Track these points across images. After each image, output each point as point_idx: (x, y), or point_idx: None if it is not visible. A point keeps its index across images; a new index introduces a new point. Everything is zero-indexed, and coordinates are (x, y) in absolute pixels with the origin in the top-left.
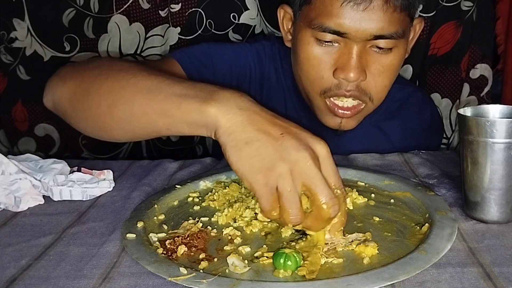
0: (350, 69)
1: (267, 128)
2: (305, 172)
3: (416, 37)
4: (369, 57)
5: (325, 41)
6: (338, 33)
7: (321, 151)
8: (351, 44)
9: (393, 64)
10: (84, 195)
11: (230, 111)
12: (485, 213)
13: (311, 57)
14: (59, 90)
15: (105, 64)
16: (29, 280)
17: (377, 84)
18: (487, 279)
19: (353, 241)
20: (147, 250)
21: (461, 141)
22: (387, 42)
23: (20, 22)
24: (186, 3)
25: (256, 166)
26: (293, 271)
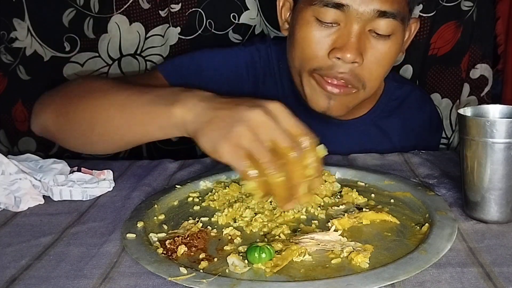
0: (347, 49)
1: (223, 105)
2: (262, 126)
3: (411, 38)
4: (368, 42)
5: (326, 22)
6: (340, 7)
7: (273, 107)
8: (351, 23)
9: (390, 53)
10: (84, 195)
11: (193, 107)
12: (485, 213)
13: (309, 36)
14: (43, 116)
15: (82, 86)
16: (29, 280)
17: (372, 71)
18: (487, 279)
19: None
20: (147, 250)
21: (461, 141)
22: (388, 25)
23: (20, 22)
24: (186, 3)
25: (218, 135)
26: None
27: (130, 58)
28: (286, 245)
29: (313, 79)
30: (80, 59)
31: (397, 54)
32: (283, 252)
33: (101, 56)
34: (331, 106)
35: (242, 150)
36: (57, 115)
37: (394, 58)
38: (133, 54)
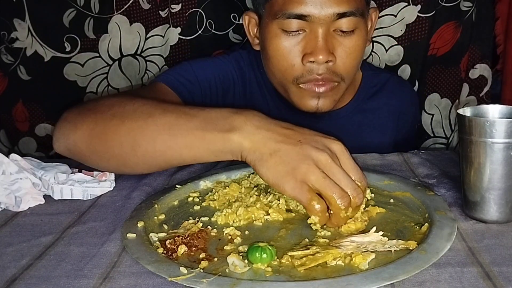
0: (318, 52)
1: (285, 138)
2: (328, 170)
3: (375, 26)
4: (335, 40)
5: (291, 31)
6: (302, 17)
7: (337, 149)
8: (316, 28)
9: (358, 45)
10: (85, 194)
11: (249, 133)
12: (484, 213)
13: (280, 48)
14: (73, 136)
15: (115, 105)
16: (30, 280)
17: (346, 65)
18: (487, 279)
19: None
20: (148, 250)
21: (461, 141)
22: (349, 22)
23: (21, 22)
24: (187, 3)
25: (283, 170)
26: (268, 263)
27: (131, 58)
28: (325, 248)
29: (299, 88)
30: (80, 59)
31: (364, 44)
32: (318, 254)
33: (101, 56)
34: (320, 104)
35: (306, 186)
36: (90, 136)
37: (363, 48)
38: (133, 54)
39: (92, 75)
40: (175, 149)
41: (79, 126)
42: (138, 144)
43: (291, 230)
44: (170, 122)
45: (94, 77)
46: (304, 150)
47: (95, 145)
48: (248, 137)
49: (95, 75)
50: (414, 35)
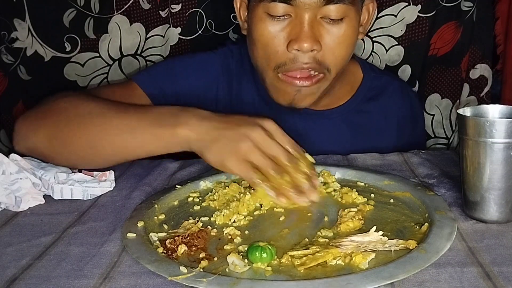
0: (303, 39)
1: (225, 125)
2: (264, 145)
3: (372, 18)
4: (322, 28)
5: (276, 15)
6: (287, 1)
7: (270, 126)
8: (301, 14)
9: (347, 35)
10: (85, 194)
11: (194, 126)
12: (484, 213)
13: (265, 33)
14: (33, 139)
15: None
16: (30, 280)
17: (334, 55)
18: (487, 279)
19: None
20: (148, 250)
21: (461, 141)
22: (338, 9)
23: (21, 22)
24: (187, 3)
25: (226, 151)
26: (268, 263)
27: (131, 58)
28: (325, 248)
29: (277, 78)
30: (80, 59)
31: (355, 35)
32: (318, 253)
33: (101, 56)
34: (296, 97)
35: (248, 163)
36: (50, 139)
37: (353, 39)
38: (133, 54)
39: (92, 75)
40: (131, 148)
41: (38, 129)
42: (96, 146)
43: (291, 230)
44: (124, 123)
45: (94, 77)
46: (241, 130)
47: (55, 146)
48: (193, 130)
49: (95, 75)
50: (414, 35)
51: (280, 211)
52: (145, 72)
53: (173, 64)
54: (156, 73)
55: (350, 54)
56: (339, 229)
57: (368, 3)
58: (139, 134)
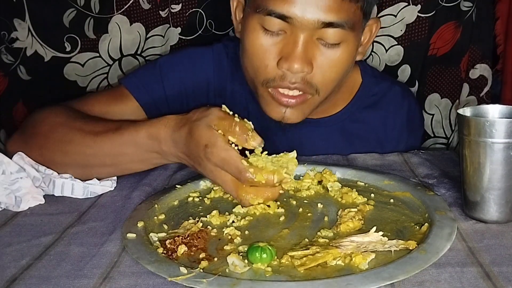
0: (294, 59)
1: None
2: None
3: (373, 38)
4: (316, 49)
5: (271, 30)
6: (283, 18)
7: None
8: (297, 33)
9: (341, 59)
10: (86, 191)
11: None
12: (484, 213)
13: (256, 45)
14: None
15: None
16: (30, 280)
17: (325, 78)
18: (487, 279)
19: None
20: (147, 250)
21: (461, 141)
22: (335, 34)
23: (21, 22)
24: (187, 3)
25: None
26: (268, 263)
27: (131, 58)
28: (325, 248)
29: (267, 92)
30: (80, 59)
31: (350, 60)
32: (318, 254)
33: (101, 56)
34: (286, 115)
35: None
36: (42, 161)
37: (347, 64)
38: (133, 54)
39: (92, 75)
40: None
41: (30, 152)
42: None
43: (291, 230)
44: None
45: (94, 77)
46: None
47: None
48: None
49: (95, 75)
50: (414, 35)
51: (280, 211)
52: (133, 74)
53: (161, 64)
54: (144, 75)
55: (342, 77)
56: (339, 229)
57: (372, 24)
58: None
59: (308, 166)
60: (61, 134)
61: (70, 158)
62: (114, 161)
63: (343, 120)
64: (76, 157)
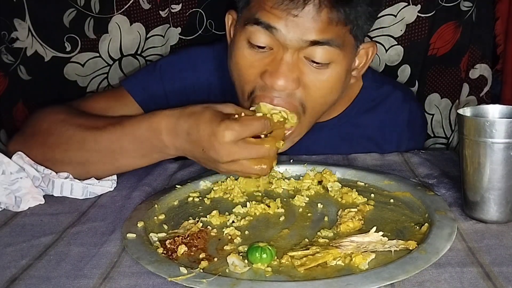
0: (278, 76)
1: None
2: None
3: (369, 62)
4: (304, 67)
5: (258, 46)
6: (269, 28)
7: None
8: (283, 50)
9: (330, 82)
10: (85, 191)
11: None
12: (484, 213)
13: (242, 61)
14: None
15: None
16: (30, 280)
17: (312, 98)
18: (487, 279)
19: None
20: (147, 250)
21: (461, 141)
22: (324, 52)
23: (21, 22)
24: (187, 3)
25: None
26: (268, 264)
27: (131, 58)
28: (325, 248)
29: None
30: (80, 59)
31: (341, 81)
32: (318, 254)
33: (101, 56)
34: None
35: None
36: (41, 160)
37: (337, 86)
38: (133, 54)
39: (92, 75)
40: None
41: (29, 152)
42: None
43: (291, 230)
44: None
45: (95, 77)
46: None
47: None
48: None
49: (95, 75)
50: (414, 35)
51: (280, 211)
52: (133, 76)
53: (161, 65)
54: (144, 76)
55: (331, 100)
56: (339, 230)
57: (368, 47)
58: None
59: (308, 166)
60: (61, 131)
61: (70, 155)
62: (113, 157)
63: (342, 124)
64: (76, 153)
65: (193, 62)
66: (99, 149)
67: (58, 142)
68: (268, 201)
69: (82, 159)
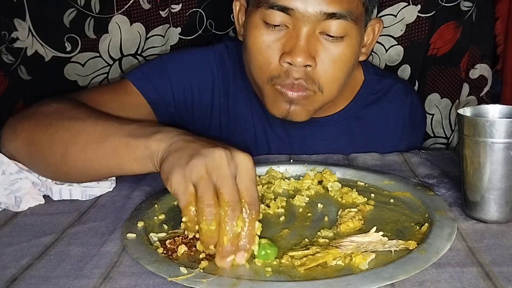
0: (297, 52)
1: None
2: (217, 169)
3: (377, 38)
4: (319, 44)
5: (274, 25)
6: (285, 10)
7: (242, 161)
8: (299, 26)
9: (345, 54)
10: (84, 194)
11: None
12: (484, 213)
13: (259, 41)
14: (14, 144)
15: (52, 113)
16: (30, 280)
17: (328, 74)
18: (487, 279)
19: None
20: (148, 250)
21: (461, 141)
22: (339, 26)
23: (21, 22)
24: (187, 3)
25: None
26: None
27: (131, 58)
28: (325, 248)
29: (273, 89)
30: (81, 59)
31: (354, 56)
32: (318, 254)
33: (102, 56)
34: (291, 111)
35: (191, 185)
36: (28, 143)
37: (352, 60)
38: (133, 54)
39: (92, 75)
40: (102, 158)
41: (18, 134)
42: (68, 153)
43: (291, 230)
44: (99, 131)
45: (95, 77)
46: (203, 147)
47: (32, 153)
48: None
49: (95, 75)
50: (414, 35)
51: (280, 211)
52: (138, 69)
53: (166, 61)
54: (149, 70)
55: (345, 76)
56: (339, 230)
57: (374, 24)
58: (111, 142)
59: (308, 166)
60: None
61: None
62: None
63: (345, 119)
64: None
65: (197, 62)
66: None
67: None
68: (268, 201)
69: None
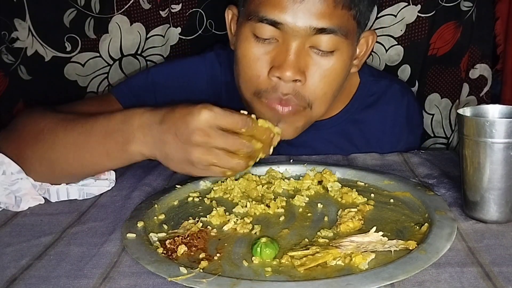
0: (286, 67)
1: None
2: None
3: (370, 51)
4: (309, 58)
5: (263, 38)
6: (275, 24)
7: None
8: (289, 40)
9: (335, 69)
10: (81, 193)
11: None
12: (484, 213)
13: (248, 54)
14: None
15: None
16: (30, 280)
17: (317, 89)
18: (487, 279)
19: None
20: (147, 250)
21: (461, 141)
22: (329, 41)
23: (21, 22)
24: (187, 3)
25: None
26: (272, 258)
27: (131, 58)
28: (325, 248)
29: (260, 103)
30: (81, 59)
31: (344, 71)
32: (318, 254)
33: (102, 56)
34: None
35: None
36: (17, 158)
37: (341, 75)
38: (134, 54)
39: (92, 75)
40: (87, 165)
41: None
42: (53, 163)
43: (291, 230)
44: (71, 141)
45: (95, 77)
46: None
47: (22, 164)
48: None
49: (95, 75)
50: (414, 35)
51: (280, 211)
52: (124, 84)
53: (153, 73)
54: (135, 84)
55: (335, 91)
56: (339, 230)
57: (368, 36)
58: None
59: (308, 166)
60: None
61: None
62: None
63: (342, 122)
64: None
65: (185, 73)
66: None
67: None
68: (268, 201)
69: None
